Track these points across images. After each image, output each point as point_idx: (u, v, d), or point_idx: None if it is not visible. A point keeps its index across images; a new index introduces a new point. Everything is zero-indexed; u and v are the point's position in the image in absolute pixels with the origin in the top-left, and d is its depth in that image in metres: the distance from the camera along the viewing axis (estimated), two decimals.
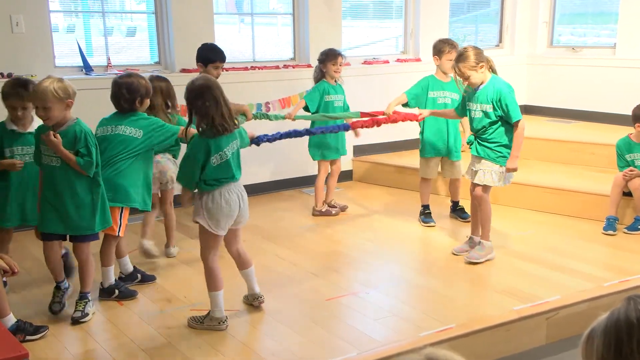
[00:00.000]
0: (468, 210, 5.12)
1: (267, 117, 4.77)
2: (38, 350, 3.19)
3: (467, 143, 4.44)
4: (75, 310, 3.49)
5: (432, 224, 5.08)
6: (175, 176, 4.24)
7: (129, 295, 3.80)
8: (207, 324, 3.39)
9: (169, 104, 4.25)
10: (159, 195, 4.42)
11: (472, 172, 4.32)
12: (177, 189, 3.95)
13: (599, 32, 7.77)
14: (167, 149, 4.20)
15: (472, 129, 4.31)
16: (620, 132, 5.30)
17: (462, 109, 4.42)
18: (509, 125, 4.15)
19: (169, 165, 4.29)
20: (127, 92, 3.62)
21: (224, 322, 3.40)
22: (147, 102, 3.76)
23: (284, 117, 4.91)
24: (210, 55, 4.70)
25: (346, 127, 4.72)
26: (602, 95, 7.10)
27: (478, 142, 4.25)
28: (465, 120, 4.85)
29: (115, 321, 3.53)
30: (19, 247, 4.65)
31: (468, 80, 4.13)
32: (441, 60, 4.94)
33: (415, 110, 4.91)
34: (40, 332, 3.29)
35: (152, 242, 4.35)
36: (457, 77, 4.20)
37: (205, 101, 3.23)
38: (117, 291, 3.77)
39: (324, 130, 4.70)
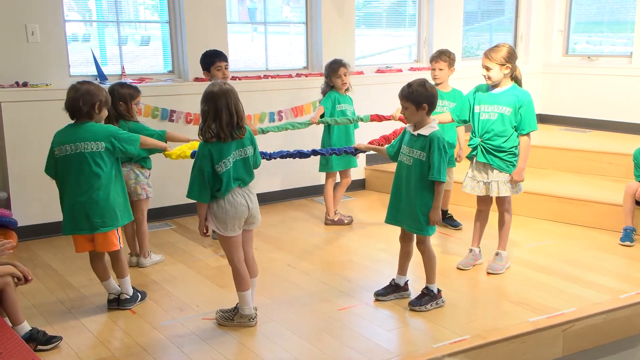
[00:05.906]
0: (457, 218, 5.25)
1: (276, 129, 4.84)
2: (51, 358, 3.19)
3: (468, 157, 4.30)
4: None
5: (460, 227, 5.17)
6: (139, 187, 4.25)
7: (145, 296, 3.90)
8: (237, 321, 3.50)
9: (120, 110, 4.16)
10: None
11: (481, 184, 4.18)
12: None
13: (615, 41, 7.71)
14: (137, 159, 4.16)
15: (477, 132, 4.15)
16: (637, 142, 5.23)
17: (461, 113, 4.24)
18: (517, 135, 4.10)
19: (129, 176, 4.20)
20: (88, 95, 3.47)
21: (253, 319, 3.50)
22: (105, 112, 3.62)
23: (308, 123, 5.00)
24: (208, 59, 4.73)
25: (352, 151, 4.52)
26: (619, 105, 7.04)
27: (485, 149, 4.10)
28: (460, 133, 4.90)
29: (127, 330, 3.53)
30: (32, 256, 4.67)
31: (488, 75, 4.03)
32: (431, 70, 5.05)
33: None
34: (53, 343, 3.29)
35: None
36: (482, 66, 4.06)
37: (208, 108, 3.28)
38: (139, 295, 3.85)
39: (330, 152, 4.59)
